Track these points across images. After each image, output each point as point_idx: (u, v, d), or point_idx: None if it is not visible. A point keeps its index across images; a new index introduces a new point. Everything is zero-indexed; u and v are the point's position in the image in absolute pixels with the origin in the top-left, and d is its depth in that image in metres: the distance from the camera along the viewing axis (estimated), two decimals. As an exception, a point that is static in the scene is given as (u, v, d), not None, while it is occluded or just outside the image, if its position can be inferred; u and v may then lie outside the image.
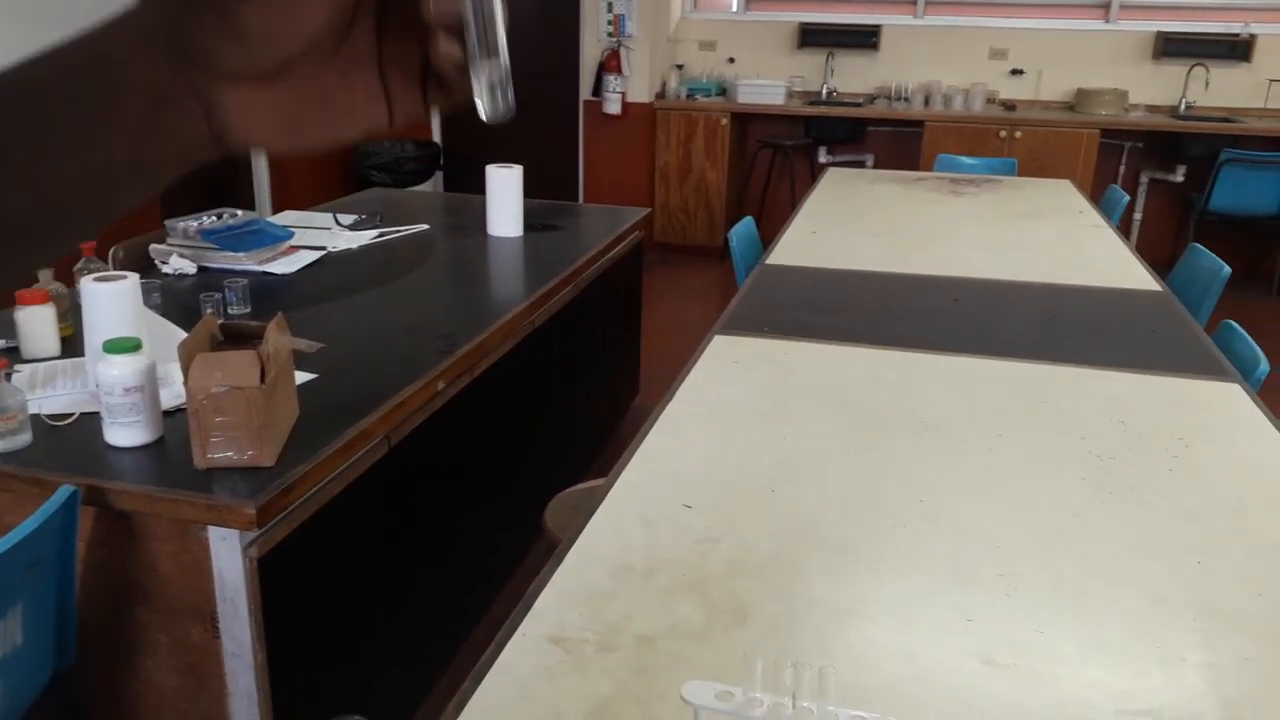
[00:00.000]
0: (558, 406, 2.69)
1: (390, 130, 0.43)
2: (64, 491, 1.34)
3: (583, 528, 1.24)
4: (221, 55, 0.36)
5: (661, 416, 1.58)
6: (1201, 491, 1.38)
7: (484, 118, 0.39)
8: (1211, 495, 1.37)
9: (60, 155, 0.36)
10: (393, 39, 0.40)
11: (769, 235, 2.99)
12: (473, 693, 0.95)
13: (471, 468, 2.13)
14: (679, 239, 5.73)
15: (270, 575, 1.40)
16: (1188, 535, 1.26)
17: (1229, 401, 1.72)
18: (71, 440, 1.52)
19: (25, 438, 1.49)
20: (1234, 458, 1.50)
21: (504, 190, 2.81)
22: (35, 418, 1.55)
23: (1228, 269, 2.69)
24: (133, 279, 1.70)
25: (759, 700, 0.78)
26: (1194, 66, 5.36)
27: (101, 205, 0.39)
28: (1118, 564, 1.19)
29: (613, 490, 1.34)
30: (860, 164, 5.71)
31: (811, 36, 5.72)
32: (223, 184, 4.47)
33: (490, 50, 0.38)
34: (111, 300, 1.64)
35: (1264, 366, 2.05)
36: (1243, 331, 2.21)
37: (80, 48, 0.37)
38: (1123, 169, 5.52)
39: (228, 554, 1.37)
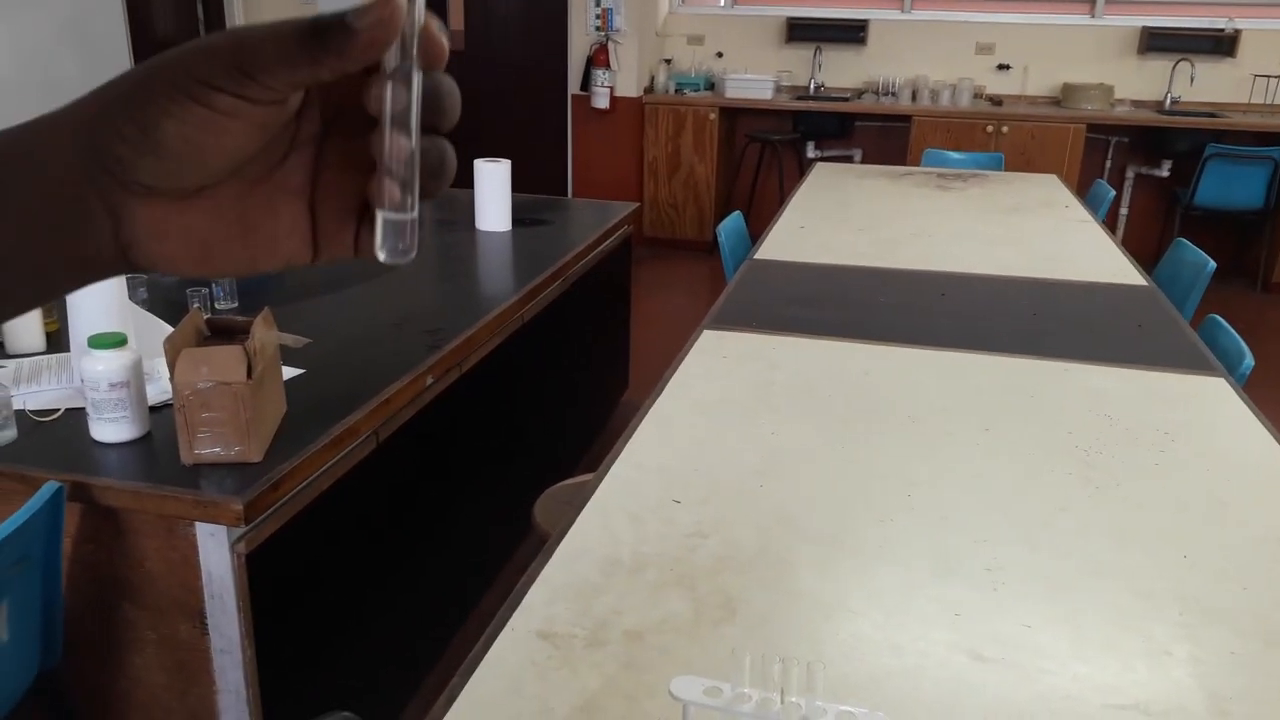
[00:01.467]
0: (547, 401, 2.69)
1: (311, 265, 0.40)
2: (49, 488, 1.34)
3: (571, 523, 1.24)
4: (138, 169, 0.34)
5: (650, 411, 1.58)
6: (1187, 485, 1.39)
7: (381, 258, 0.36)
8: (1197, 489, 1.38)
9: None
10: (331, 173, 0.38)
11: (758, 230, 2.99)
12: (462, 688, 0.95)
13: (460, 463, 2.13)
14: (668, 233, 5.73)
15: (258, 571, 1.40)
16: (1173, 529, 1.27)
17: (1214, 396, 1.73)
18: (57, 436, 1.51)
19: (10, 434, 1.48)
20: (1219, 452, 1.51)
21: (492, 184, 2.81)
22: (20, 414, 1.54)
23: (1213, 263, 2.71)
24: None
25: (747, 695, 0.78)
26: (1179, 61, 5.39)
27: None
28: (1104, 558, 1.20)
29: (601, 485, 1.34)
30: (848, 159, 5.72)
31: (799, 31, 5.72)
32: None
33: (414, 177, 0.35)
34: (96, 295, 1.63)
35: (1249, 361, 2.06)
36: (1228, 326, 2.23)
37: (11, 134, 0.36)
38: (1109, 164, 5.54)
39: (215, 550, 1.36)
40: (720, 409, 1.60)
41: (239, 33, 0.34)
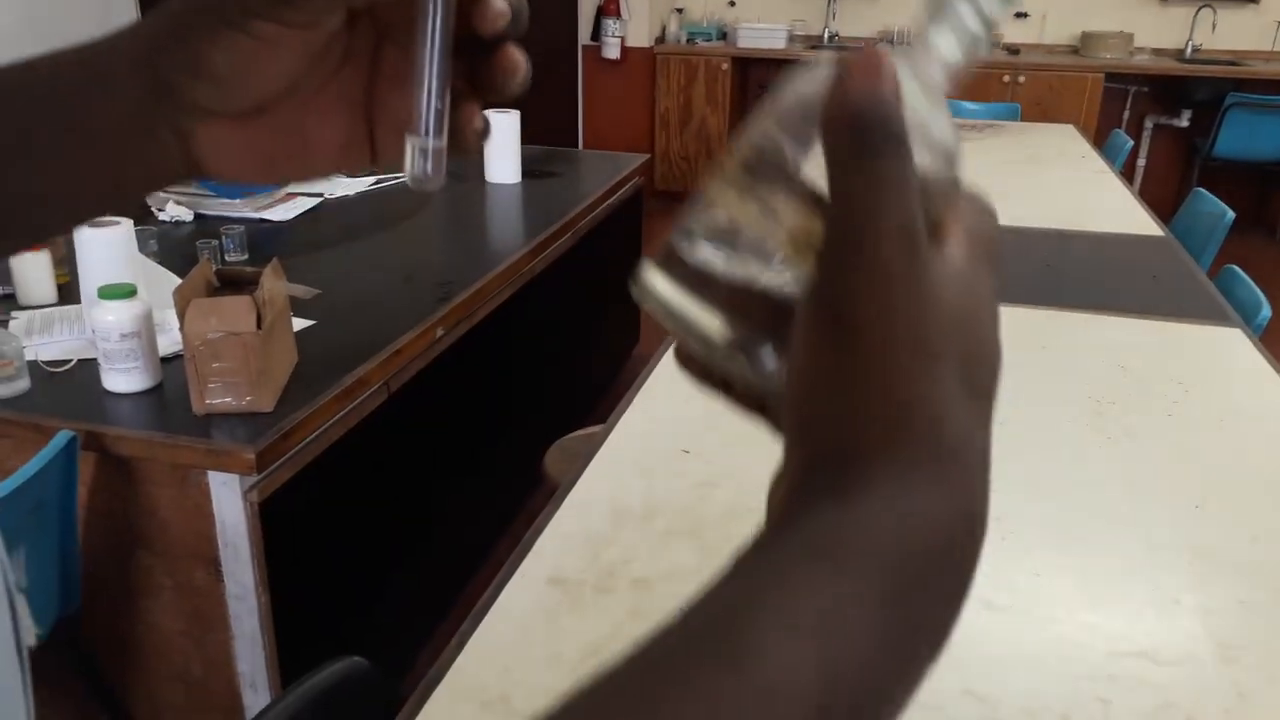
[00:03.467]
0: (557, 354, 2.69)
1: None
2: (63, 436, 1.34)
3: (581, 473, 1.25)
4: (194, 93, 0.35)
5: (661, 362, 1.57)
6: (1201, 436, 1.38)
7: (411, 183, 0.36)
8: (1211, 440, 1.37)
9: (38, 158, 0.36)
10: (385, 83, 0.39)
11: (769, 181, 2.95)
12: (472, 633, 0.96)
13: (471, 415, 2.13)
14: (680, 186, 5.68)
15: (272, 520, 1.41)
16: (1186, 480, 1.27)
17: (1230, 346, 1.71)
18: (70, 387, 1.51)
19: (23, 384, 1.49)
20: (1234, 403, 1.49)
21: (501, 136, 2.78)
22: (33, 364, 1.54)
23: (1231, 214, 2.67)
24: (127, 225, 1.69)
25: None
26: (1201, 8, 5.26)
27: (66, 214, 0.38)
28: (1115, 508, 1.20)
29: (611, 436, 1.34)
30: (862, 109, 5.63)
31: (814, -22, 5.61)
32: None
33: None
34: (106, 246, 1.63)
35: (1266, 311, 2.04)
36: (1245, 276, 2.20)
37: (77, 58, 0.36)
38: (1127, 114, 5.45)
39: (228, 498, 1.37)
40: (731, 360, 1.59)
41: None
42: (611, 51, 5.53)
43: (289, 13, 0.34)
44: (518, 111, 2.80)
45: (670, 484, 1.22)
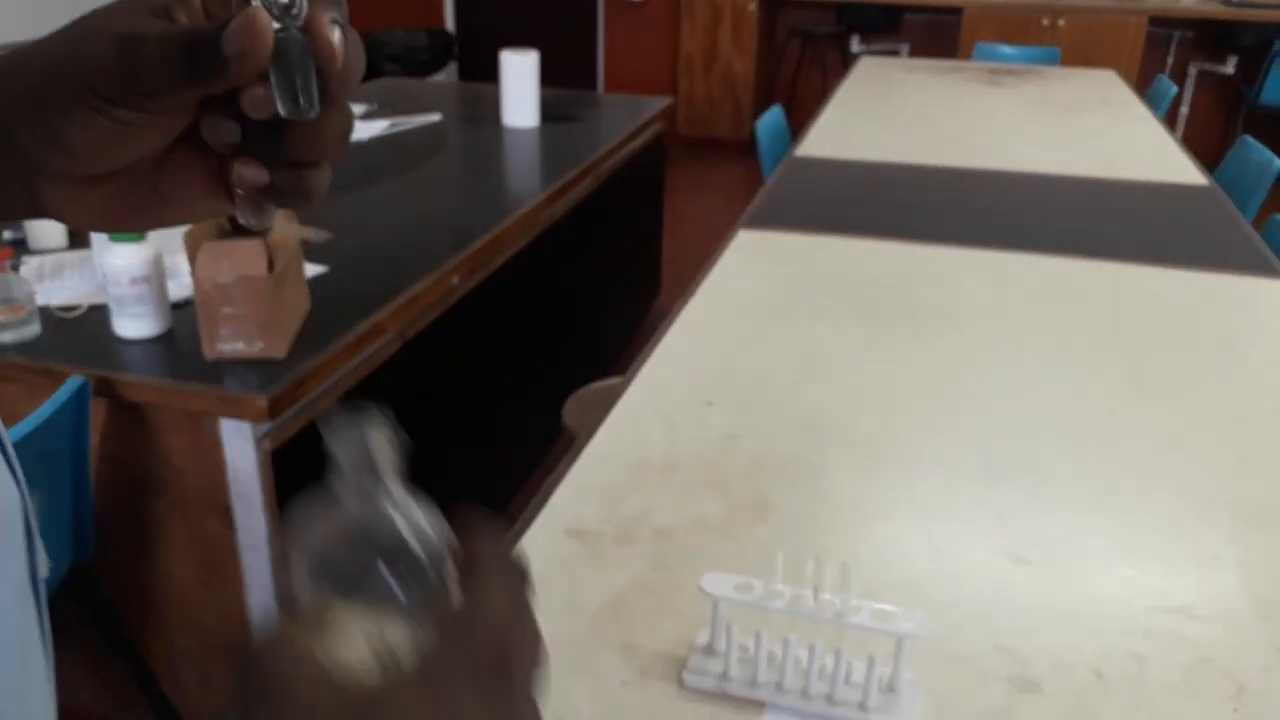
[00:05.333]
0: (576, 306, 2.65)
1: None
2: (74, 382, 1.33)
3: (600, 423, 1.21)
4: (46, 161, 0.35)
5: (683, 313, 1.53)
6: (1242, 390, 1.33)
7: (283, 113, 0.35)
8: (1252, 394, 1.31)
9: None
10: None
11: (798, 128, 2.87)
12: (486, 585, 0.94)
13: (488, 365, 2.10)
14: (704, 131, 5.57)
15: (285, 468, 1.39)
16: (1225, 433, 1.22)
17: (1275, 299, 1.64)
18: (80, 332, 1.49)
19: (34, 329, 1.47)
20: (1277, 356, 1.43)
21: (519, 78, 2.71)
22: (44, 310, 1.52)
23: (1279, 162, 2.56)
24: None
25: (779, 592, 0.75)
26: (1252, -52, 5.05)
27: None
28: (1153, 462, 1.15)
29: (632, 387, 1.30)
30: (895, 53, 5.48)
31: (845, -83, 5.43)
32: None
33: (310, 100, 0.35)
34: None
35: (1314, 263, 1.95)
36: (1292, 226, 2.11)
37: None
38: (1170, 60, 5.27)
39: (240, 446, 1.35)
40: (756, 310, 1.54)
41: (127, 49, 0.34)
42: (635, -6, 5.40)
43: (150, 104, 0.34)
44: (536, 53, 2.73)
45: (692, 436, 1.18)
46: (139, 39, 0.34)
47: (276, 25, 0.33)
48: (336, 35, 0.34)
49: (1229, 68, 5.11)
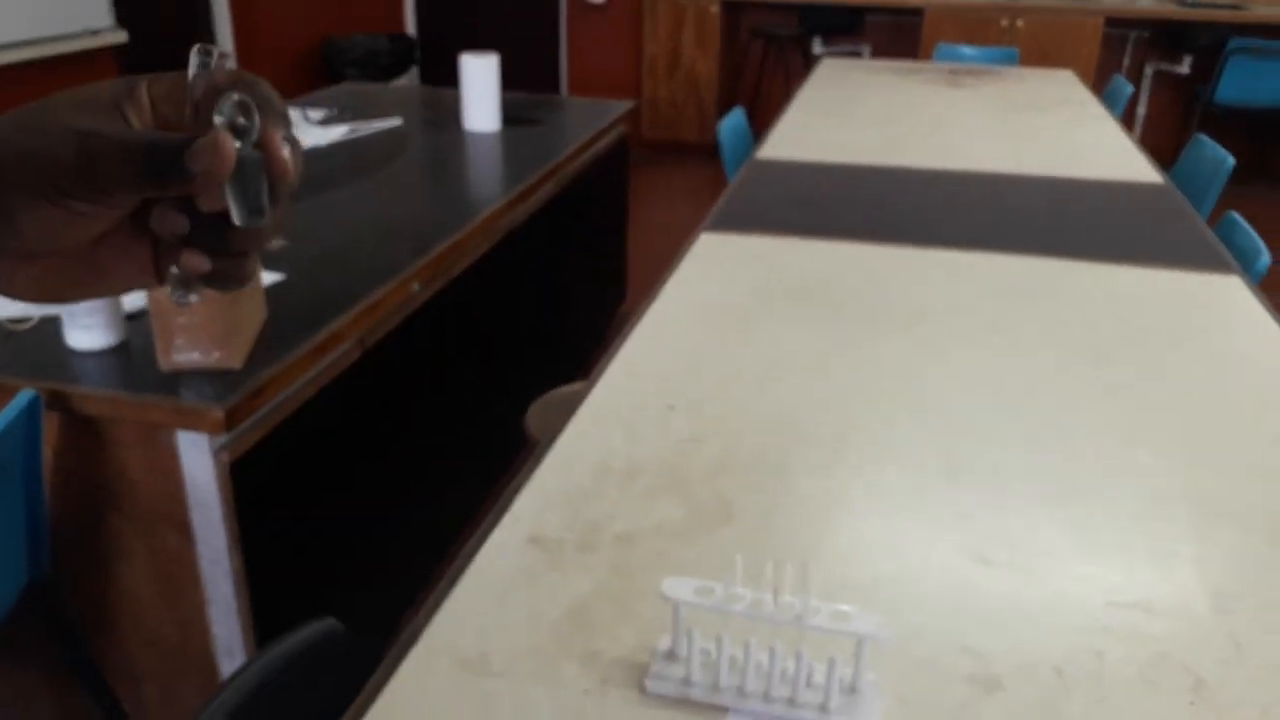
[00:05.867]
0: (540, 312, 2.64)
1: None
2: (24, 395, 1.30)
3: (562, 429, 1.20)
4: None
5: (645, 317, 1.52)
6: (1199, 385, 1.35)
7: (239, 222, 0.38)
8: (1209, 388, 1.34)
9: None
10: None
11: (762, 130, 2.88)
12: (449, 593, 0.93)
13: (451, 373, 2.09)
14: (668, 135, 5.58)
15: (244, 481, 1.37)
16: (1184, 429, 1.23)
17: (1229, 294, 1.67)
18: (31, 345, 1.46)
19: (-17, 342, 1.43)
20: (1233, 350, 1.46)
21: (479, 81, 2.69)
22: (-7, 322, 1.49)
23: (1231, 160, 2.61)
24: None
25: (740, 595, 0.75)
26: (1204, -51, 5.14)
27: None
28: (1112, 459, 1.16)
29: (593, 392, 1.29)
30: (856, 54, 5.52)
31: (806, -80, 5.46)
32: (192, 82, 4.29)
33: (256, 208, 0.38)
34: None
35: (1265, 258, 1.99)
36: (1244, 223, 2.15)
37: None
38: (1127, 60, 5.35)
39: (198, 458, 1.33)
40: (719, 313, 1.54)
41: (88, 146, 0.36)
42: (598, -3, 5.39)
43: (105, 200, 0.36)
44: (496, 56, 2.71)
45: (655, 440, 1.18)
46: (99, 139, 0.36)
47: (236, 144, 0.36)
48: (287, 152, 0.37)
49: (1184, 67, 5.21)
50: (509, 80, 2.78)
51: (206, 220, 0.38)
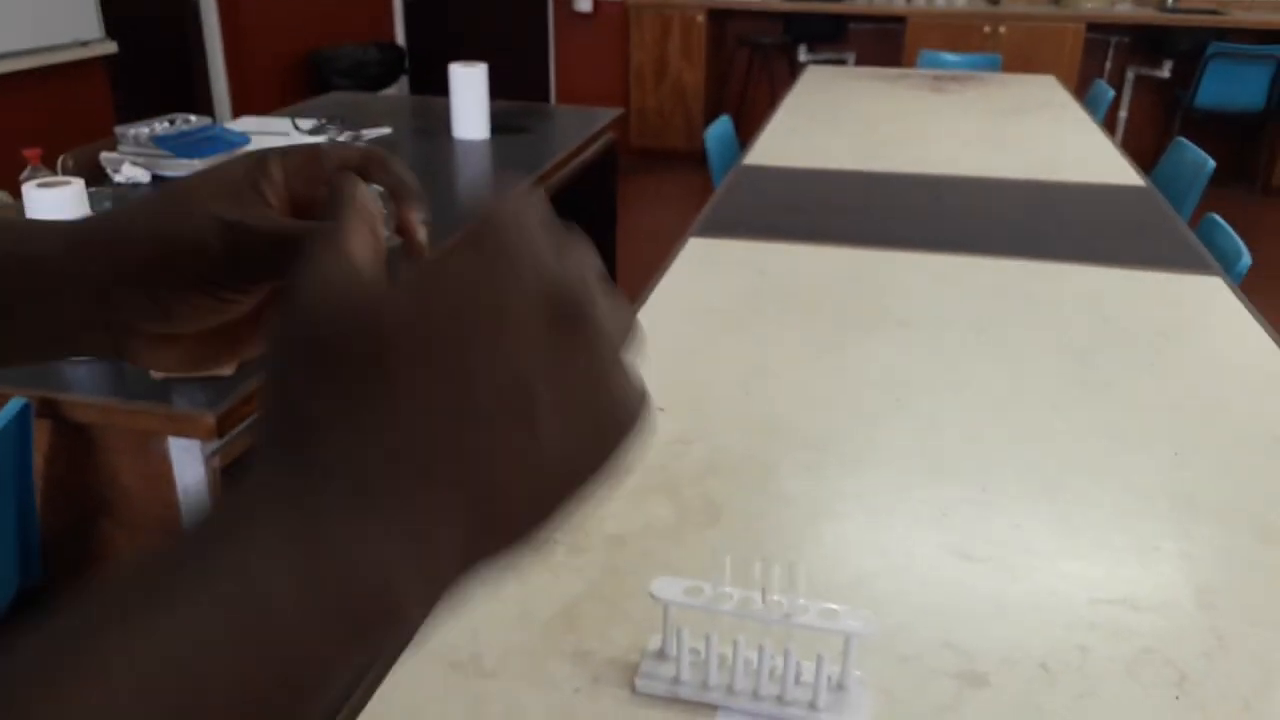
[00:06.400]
0: (532, 315, 2.64)
1: None
2: (15, 403, 1.30)
3: (552, 431, 1.21)
4: (148, 328, 0.37)
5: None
6: (1181, 384, 1.36)
7: None
8: (1190, 388, 1.35)
9: None
10: None
11: (748, 137, 2.90)
12: (439, 597, 0.93)
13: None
14: (656, 143, 5.61)
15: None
16: (1166, 428, 1.25)
17: (1211, 295, 1.70)
18: (21, 353, 1.46)
19: (-28, 351, 1.43)
20: (1214, 350, 1.48)
21: (468, 90, 2.70)
22: (-17, 331, 1.49)
23: (1212, 162, 2.65)
24: (78, 184, 1.62)
25: (728, 595, 0.76)
26: (1184, -44, 5.21)
27: None
28: (1095, 458, 1.18)
29: (584, 394, 1.30)
30: (841, 62, 5.56)
31: (791, -72, 5.50)
32: (179, 88, 4.29)
33: None
34: (56, 206, 1.57)
35: (1245, 259, 2.02)
36: (1225, 225, 2.18)
37: (18, 264, 0.37)
38: (1108, 65, 5.41)
39: (190, 465, 1.33)
40: (707, 317, 1.56)
41: (234, 239, 0.36)
42: (584, 4, 5.43)
43: (252, 287, 0.37)
44: (484, 65, 2.72)
45: (644, 441, 1.19)
46: (246, 231, 0.36)
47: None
48: (423, 235, 0.38)
49: (1165, 71, 5.26)
50: (498, 89, 2.80)
51: None
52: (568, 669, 0.84)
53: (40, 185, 1.60)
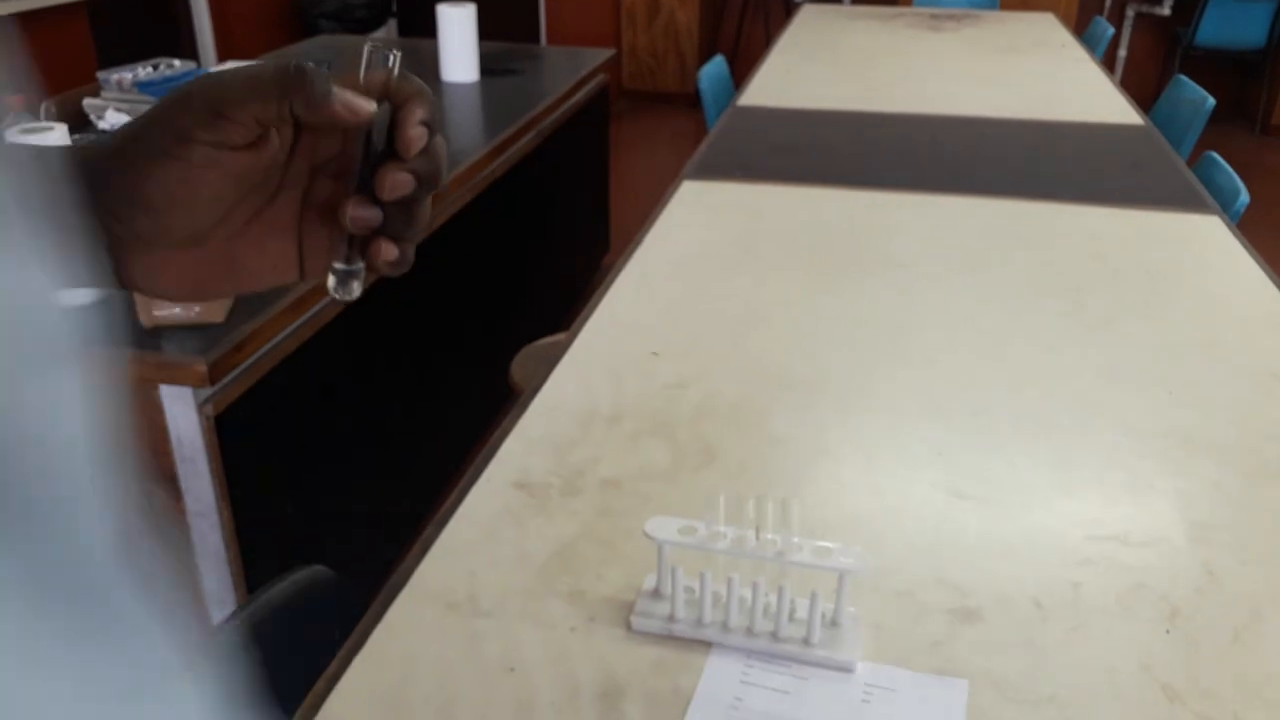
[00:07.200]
0: (523, 263, 2.62)
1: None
2: (3, 354, 1.29)
3: (546, 377, 1.21)
4: (133, 225, 0.39)
5: (628, 265, 1.52)
6: (1177, 323, 1.36)
7: (333, 294, 0.44)
8: (1186, 326, 1.35)
9: None
10: (314, 210, 0.44)
11: (742, 78, 2.85)
12: (436, 537, 0.94)
13: (435, 325, 2.08)
14: (648, 85, 5.52)
15: (229, 434, 1.37)
16: (1161, 366, 1.25)
17: (1208, 234, 1.68)
18: (8, 302, 1.45)
19: (-41, 301, 1.42)
20: (1210, 289, 1.47)
21: (457, 31, 2.65)
22: (-32, 280, 1.47)
23: (1211, 100, 2.61)
24: (60, 129, 1.59)
25: (722, 534, 0.76)
26: (1188, -112, 5.08)
27: None
28: (1090, 396, 1.18)
29: (578, 340, 1.30)
30: (837, 1, 5.45)
31: None
32: (163, 32, 4.20)
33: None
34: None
35: (1244, 198, 2.00)
36: (1223, 163, 2.16)
37: (35, 163, 0.39)
38: (1108, 2, 5.31)
39: (182, 412, 1.33)
40: (701, 261, 1.54)
41: (215, 79, 0.38)
42: (576, -55, 5.29)
43: (224, 128, 0.38)
44: (473, 4, 2.66)
45: (638, 386, 1.19)
46: (227, 73, 0.39)
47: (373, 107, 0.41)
48: (419, 134, 0.42)
49: (1165, 9, 5.17)
50: (488, 30, 2.74)
51: (392, 212, 0.42)
52: (564, 608, 0.84)
53: (23, 131, 1.57)
